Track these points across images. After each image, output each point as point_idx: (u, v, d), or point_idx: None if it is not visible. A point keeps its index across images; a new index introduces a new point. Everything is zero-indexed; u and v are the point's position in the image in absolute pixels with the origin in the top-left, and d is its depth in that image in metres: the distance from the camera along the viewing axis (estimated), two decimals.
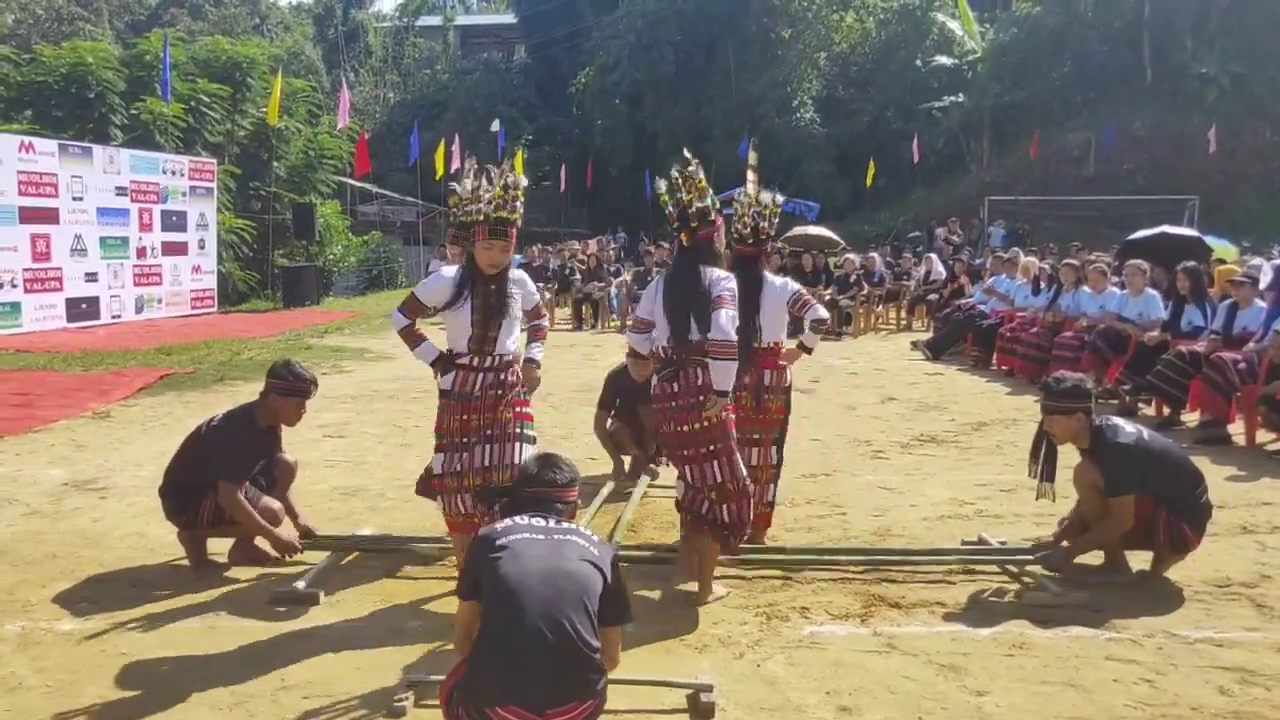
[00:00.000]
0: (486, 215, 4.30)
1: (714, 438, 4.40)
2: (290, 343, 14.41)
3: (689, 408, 4.40)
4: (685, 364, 4.41)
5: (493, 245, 4.32)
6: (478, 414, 4.38)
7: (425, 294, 4.47)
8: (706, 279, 4.40)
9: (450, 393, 4.41)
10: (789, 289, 5.07)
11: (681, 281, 4.49)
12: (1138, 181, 30.91)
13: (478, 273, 4.37)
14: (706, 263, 4.49)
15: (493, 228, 4.31)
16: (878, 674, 3.77)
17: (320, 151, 23.16)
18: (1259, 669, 3.78)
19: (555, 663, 2.80)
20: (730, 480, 4.42)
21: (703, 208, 4.55)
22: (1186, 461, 4.78)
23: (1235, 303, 8.53)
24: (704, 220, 4.53)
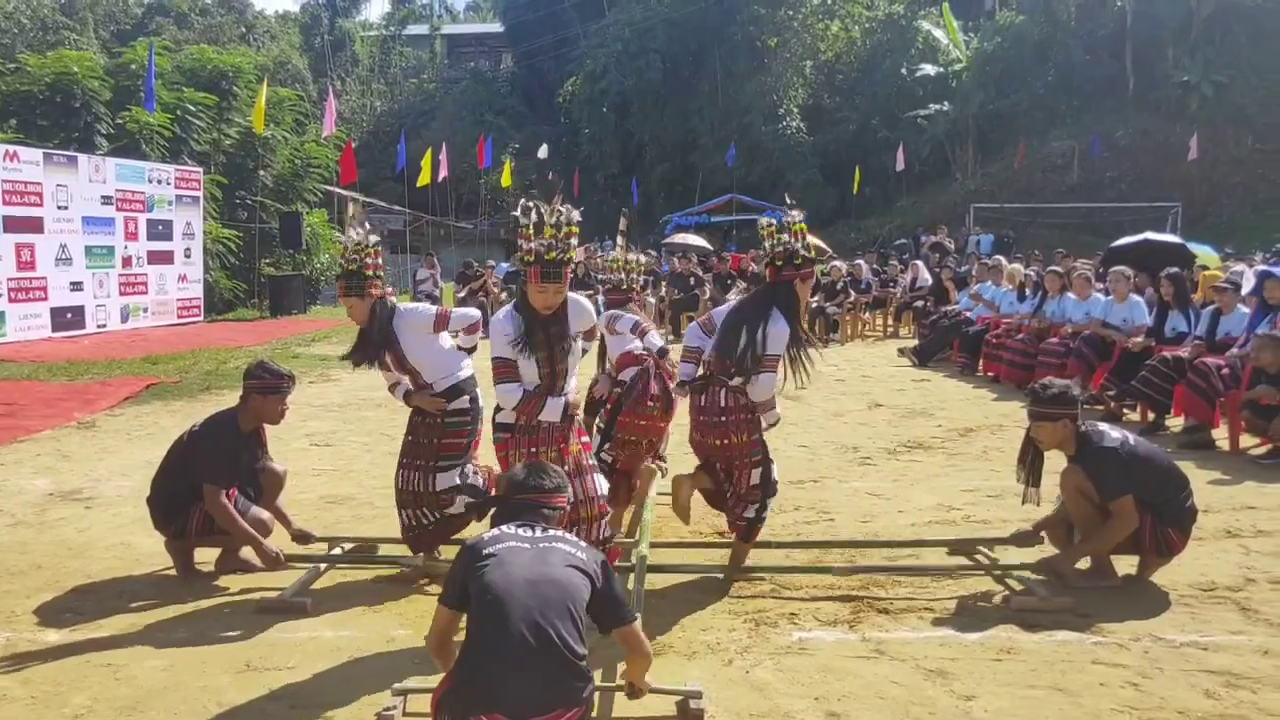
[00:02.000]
0: (539, 256, 3.99)
1: (731, 455, 4.72)
2: (277, 351, 14.36)
3: (710, 425, 4.70)
4: (713, 381, 4.69)
5: (546, 289, 4.01)
6: (545, 446, 4.16)
7: (505, 351, 4.11)
8: (771, 325, 4.55)
9: (515, 427, 4.18)
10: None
11: (750, 311, 4.70)
12: (1121, 189, 31.15)
13: (534, 315, 4.09)
14: (785, 307, 4.62)
15: (545, 271, 3.99)
16: (866, 679, 3.78)
17: (307, 160, 23.12)
18: (1244, 672, 3.80)
19: (540, 670, 2.80)
20: (740, 485, 4.75)
21: (789, 250, 4.62)
22: (1171, 466, 4.82)
23: (1218, 308, 8.59)
24: (789, 262, 4.64)
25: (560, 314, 4.14)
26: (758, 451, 4.73)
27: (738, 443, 4.67)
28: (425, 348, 4.94)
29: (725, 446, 4.69)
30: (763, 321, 4.58)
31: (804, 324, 4.80)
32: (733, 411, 4.65)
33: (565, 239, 4.01)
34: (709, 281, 17.53)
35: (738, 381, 4.64)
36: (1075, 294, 10.53)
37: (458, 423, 4.90)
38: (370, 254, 4.92)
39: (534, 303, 4.08)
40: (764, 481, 4.74)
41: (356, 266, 4.87)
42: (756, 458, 4.72)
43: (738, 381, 4.64)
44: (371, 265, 4.91)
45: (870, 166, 33.40)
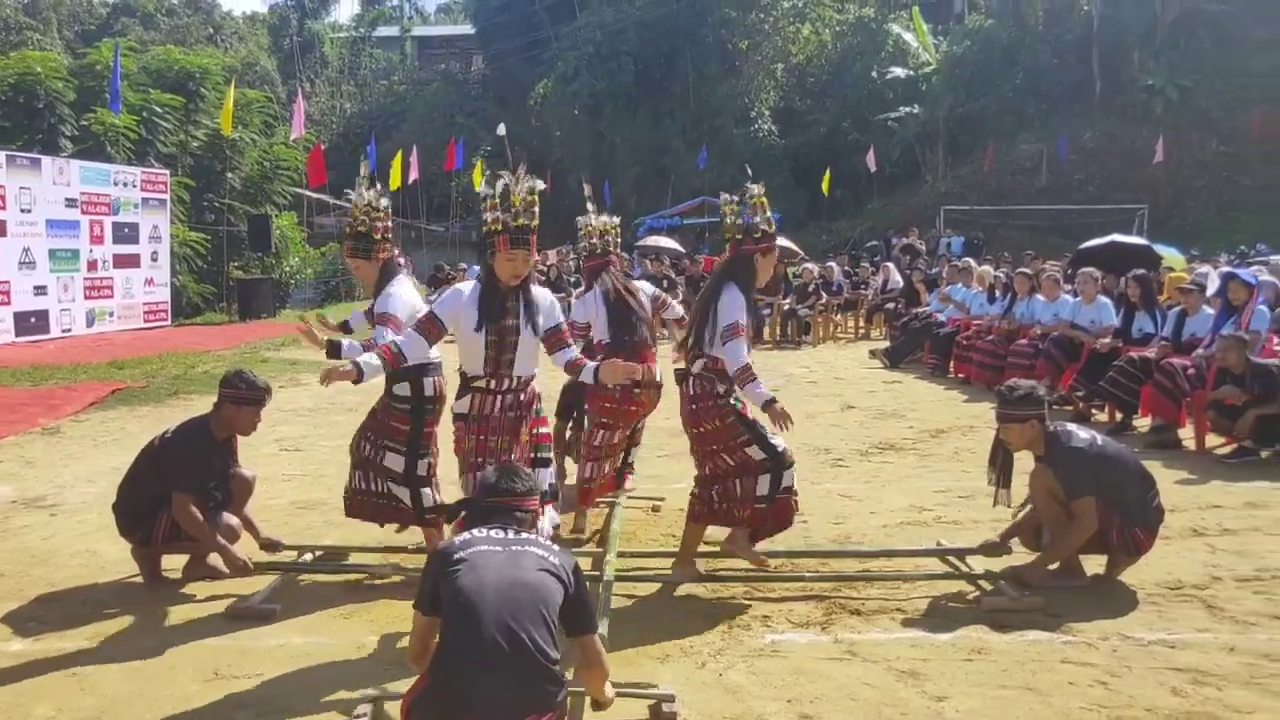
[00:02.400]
0: (507, 224, 4.04)
1: (711, 440, 4.63)
2: (246, 355, 14.24)
3: (686, 415, 4.67)
4: (688, 373, 4.65)
5: (516, 255, 4.06)
6: (496, 435, 4.19)
7: (445, 313, 4.14)
8: (721, 299, 4.49)
9: (466, 415, 4.22)
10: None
11: (707, 290, 4.68)
12: (1089, 191, 31.47)
13: (498, 287, 4.13)
14: (736, 277, 4.56)
15: (514, 236, 4.04)
16: (838, 681, 3.79)
17: (276, 163, 22.94)
18: (1211, 669, 3.84)
19: (512, 675, 2.78)
20: (743, 467, 4.62)
21: (746, 224, 4.58)
22: (1138, 466, 4.86)
23: (1184, 310, 8.70)
24: (748, 235, 4.59)
25: (524, 290, 4.16)
26: (741, 432, 4.59)
27: (711, 430, 4.63)
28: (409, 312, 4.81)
29: (701, 435, 4.66)
30: (717, 296, 4.54)
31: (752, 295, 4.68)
32: (701, 399, 4.62)
33: (530, 207, 4.06)
34: (681, 284, 17.54)
35: (698, 367, 4.60)
36: (1044, 295, 10.63)
37: (399, 408, 4.84)
38: (381, 216, 4.88)
39: (502, 273, 4.10)
40: (769, 453, 4.58)
41: (365, 228, 4.84)
42: (743, 437, 4.59)
43: (698, 367, 4.60)
44: (381, 229, 4.88)
45: (841, 169, 33.57)
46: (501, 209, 4.04)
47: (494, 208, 4.05)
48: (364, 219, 4.88)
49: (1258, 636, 4.15)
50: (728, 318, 4.46)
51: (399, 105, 44.23)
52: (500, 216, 4.04)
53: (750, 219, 4.59)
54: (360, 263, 4.97)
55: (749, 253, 4.61)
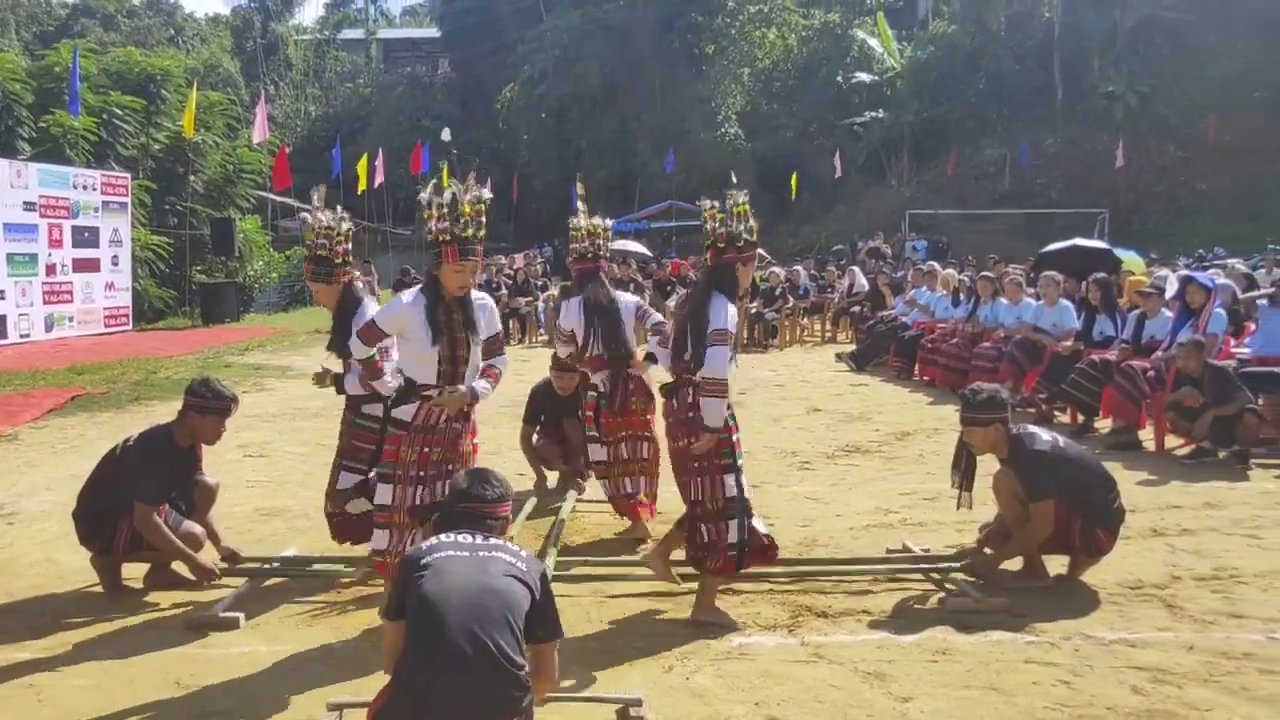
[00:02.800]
0: (455, 234, 3.96)
1: (698, 456, 4.44)
2: (209, 361, 14.08)
3: (678, 424, 4.52)
4: (680, 383, 4.54)
5: (464, 266, 4.00)
6: (439, 446, 4.12)
7: (386, 322, 4.17)
8: (711, 306, 4.41)
9: (412, 424, 4.11)
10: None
11: (690, 301, 4.64)
12: (1051, 196, 31.87)
13: (443, 297, 4.07)
14: (722, 287, 4.49)
15: (463, 247, 3.98)
16: (805, 683, 3.81)
17: (239, 166, 22.73)
18: (1170, 668, 3.90)
19: (478, 681, 2.77)
20: (710, 500, 4.40)
21: (729, 232, 4.49)
22: (1099, 468, 4.93)
23: (1143, 313, 8.83)
24: (730, 244, 4.51)
25: (467, 302, 4.11)
26: (728, 452, 4.44)
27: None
28: None
29: (689, 449, 4.49)
30: (704, 305, 4.47)
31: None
32: (698, 409, 4.44)
33: (479, 216, 4.01)
34: (648, 288, 17.56)
35: (699, 375, 4.46)
36: (1007, 299, 10.74)
37: (367, 427, 4.82)
38: (341, 239, 4.81)
39: (449, 283, 4.04)
40: (740, 492, 4.39)
41: (325, 252, 4.78)
42: (727, 460, 4.43)
43: (699, 375, 4.46)
44: (341, 252, 4.82)
45: (808, 173, 33.77)
46: (450, 218, 3.96)
47: (441, 217, 3.97)
48: (323, 242, 4.79)
49: (1215, 635, 4.22)
50: (716, 323, 4.40)
51: (364, 108, 43.98)
52: (448, 226, 3.97)
53: (733, 227, 4.52)
54: (321, 286, 4.90)
55: (730, 261, 4.52)
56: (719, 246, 4.52)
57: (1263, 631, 4.24)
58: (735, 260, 4.52)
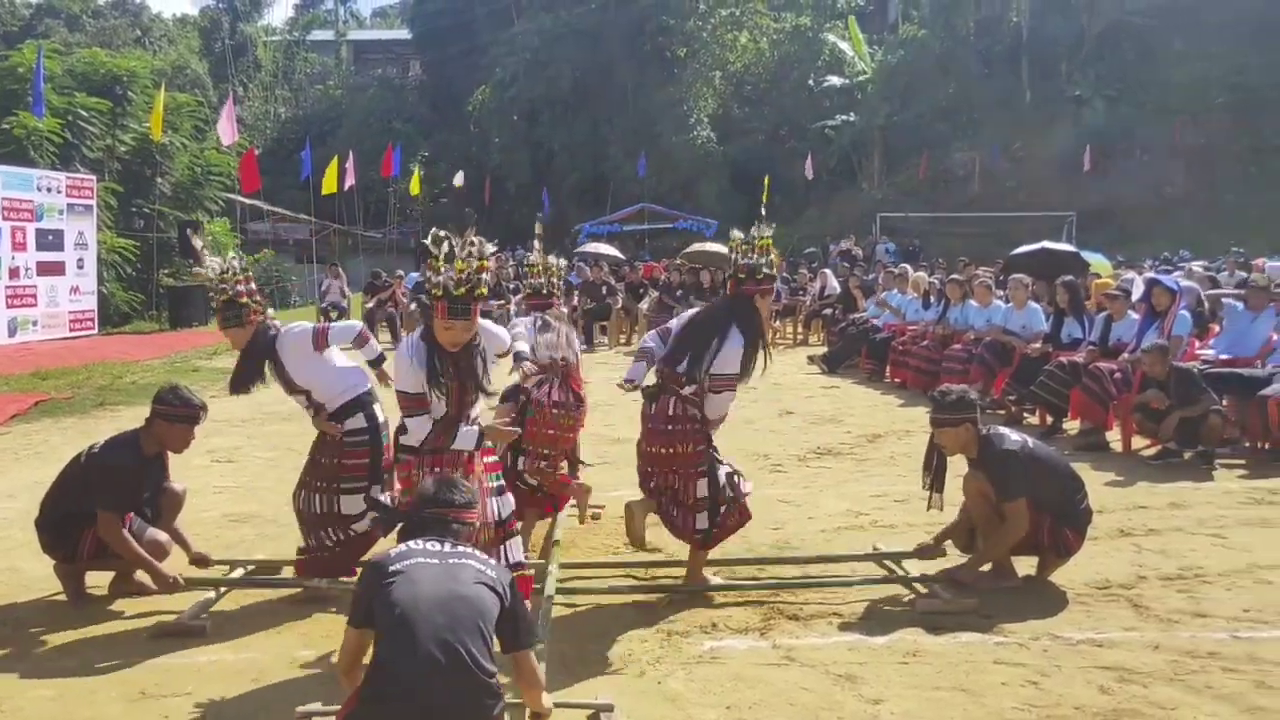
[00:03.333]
0: (447, 291, 3.77)
1: (674, 463, 4.65)
2: (176, 365, 13.93)
3: (657, 433, 4.65)
4: (665, 390, 4.64)
5: (453, 325, 3.83)
6: (451, 466, 4.01)
7: (407, 385, 3.93)
8: (727, 341, 4.53)
9: (420, 450, 4.01)
10: None
11: (705, 321, 4.72)
12: (1020, 199, 32.15)
13: (441, 350, 3.91)
14: (740, 319, 4.61)
15: (452, 307, 3.79)
16: (777, 686, 3.81)
17: (207, 168, 22.52)
18: (1136, 667, 3.93)
19: (449, 689, 2.76)
20: (683, 496, 4.67)
21: (750, 264, 4.64)
22: (1068, 468, 4.98)
23: (1110, 315, 8.92)
24: (751, 276, 4.65)
25: (470, 347, 3.96)
26: (703, 462, 4.66)
27: (682, 453, 4.64)
28: (312, 368, 4.83)
29: (670, 455, 4.64)
30: (719, 338, 4.56)
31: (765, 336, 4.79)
32: (680, 421, 4.62)
33: (477, 273, 3.80)
34: (621, 290, 17.55)
35: (689, 390, 4.60)
36: (977, 301, 10.82)
37: (356, 442, 4.79)
38: (239, 280, 4.76)
39: (440, 339, 3.89)
40: (711, 492, 4.65)
41: (229, 296, 4.73)
42: (702, 468, 4.65)
43: (689, 390, 4.60)
44: (245, 293, 4.77)
45: (779, 176, 33.83)
46: (445, 272, 3.77)
47: (436, 270, 3.78)
48: (224, 287, 4.73)
49: (1181, 634, 4.26)
50: (728, 368, 4.55)
51: (335, 110, 43.65)
52: (441, 281, 3.77)
53: (755, 260, 4.66)
54: (233, 331, 4.83)
55: (749, 293, 4.68)
56: (740, 278, 4.71)
57: (1227, 630, 4.29)
58: (754, 292, 4.70)
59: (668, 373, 4.68)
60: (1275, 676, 3.83)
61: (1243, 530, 5.80)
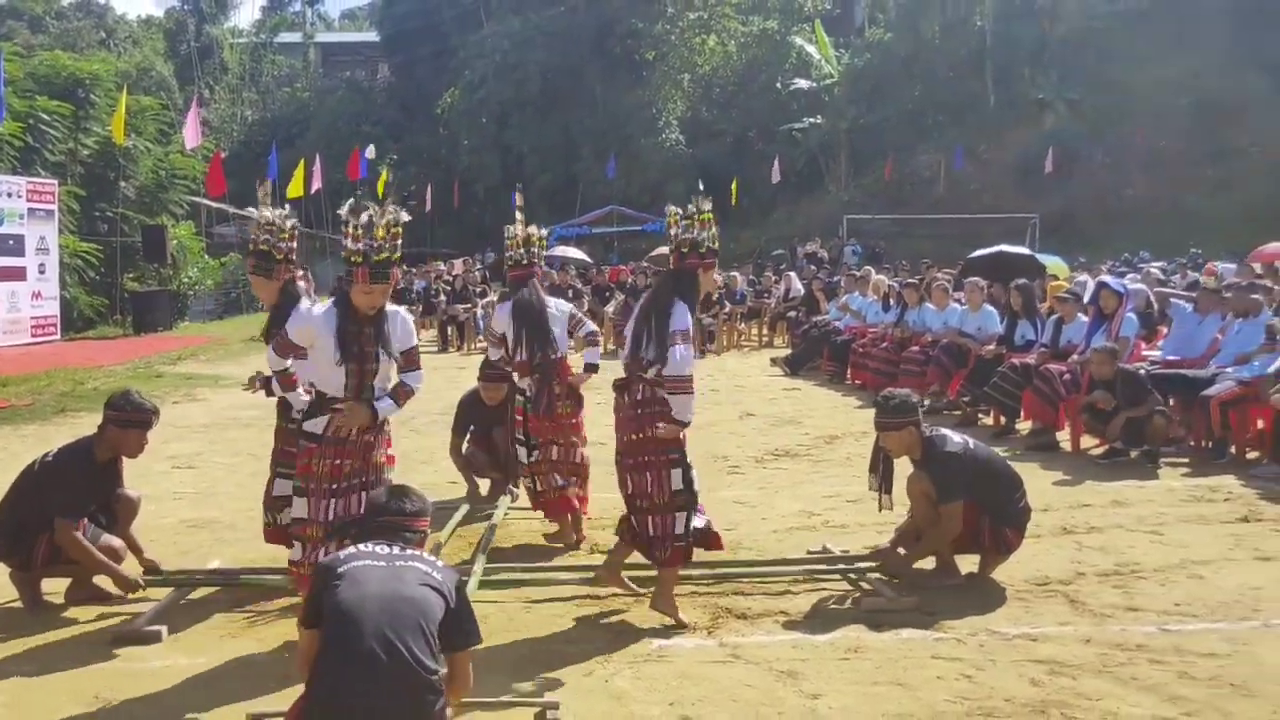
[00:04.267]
0: (367, 256, 4.01)
1: (648, 450, 4.63)
2: (139, 370, 13.87)
3: (629, 419, 4.69)
4: (633, 379, 4.70)
5: (373, 289, 4.07)
6: (351, 458, 4.18)
7: (296, 335, 4.23)
8: (674, 308, 4.58)
9: (322, 436, 4.17)
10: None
11: (651, 301, 4.77)
12: (985, 201, 32.53)
13: (353, 313, 4.12)
14: (683, 292, 4.67)
15: (374, 271, 4.03)
16: (720, 683, 3.92)
17: (172, 171, 22.40)
18: (1067, 660, 4.08)
19: (391, 685, 2.85)
20: (657, 494, 4.60)
21: (692, 239, 4.66)
22: (1007, 469, 5.13)
23: (1061, 318, 9.12)
24: (694, 250, 4.68)
25: (380, 319, 4.16)
26: (676, 449, 4.64)
27: (651, 437, 4.61)
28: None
29: (643, 441, 4.63)
30: (665, 309, 4.61)
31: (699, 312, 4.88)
32: (649, 404, 4.61)
33: (394, 240, 4.06)
34: (587, 294, 17.64)
35: (652, 373, 4.62)
36: (933, 304, 11.00)
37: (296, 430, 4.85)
38: (285, 236, 4.87)
39: (358, 302, 4.11)
40: (686, 485, 4.61)
41: (267, 247, 4.83)
42: (675, 455, 4.63)
43: (652, 373, 4.62)
44: (284, 249, 4.87)
45: (748, 178, 34.10)
46: (365, 239, 4.00)
47: (356, 237, 4.00)
48: (266, 238, 4.84)
49: (1112, 628, 4.41)
50: (679, 324, 4.57)
51: (302, 113, 43.43)
52: (361, 248, 4.00)
53: (697, 234, 4.68)
54: (260, 280, 4.95)
55: (692, 267, 4.70)
56: (682, 251, 4.70)
57: (1156, 624, 4.45)
58: (697, 266, 4.70)
59: (631, 361, 4.73)
60: (1198, 668, 3.99)
61: (1181, 527, 5.98)
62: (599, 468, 7.47)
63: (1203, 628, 4.40)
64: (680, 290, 4.68)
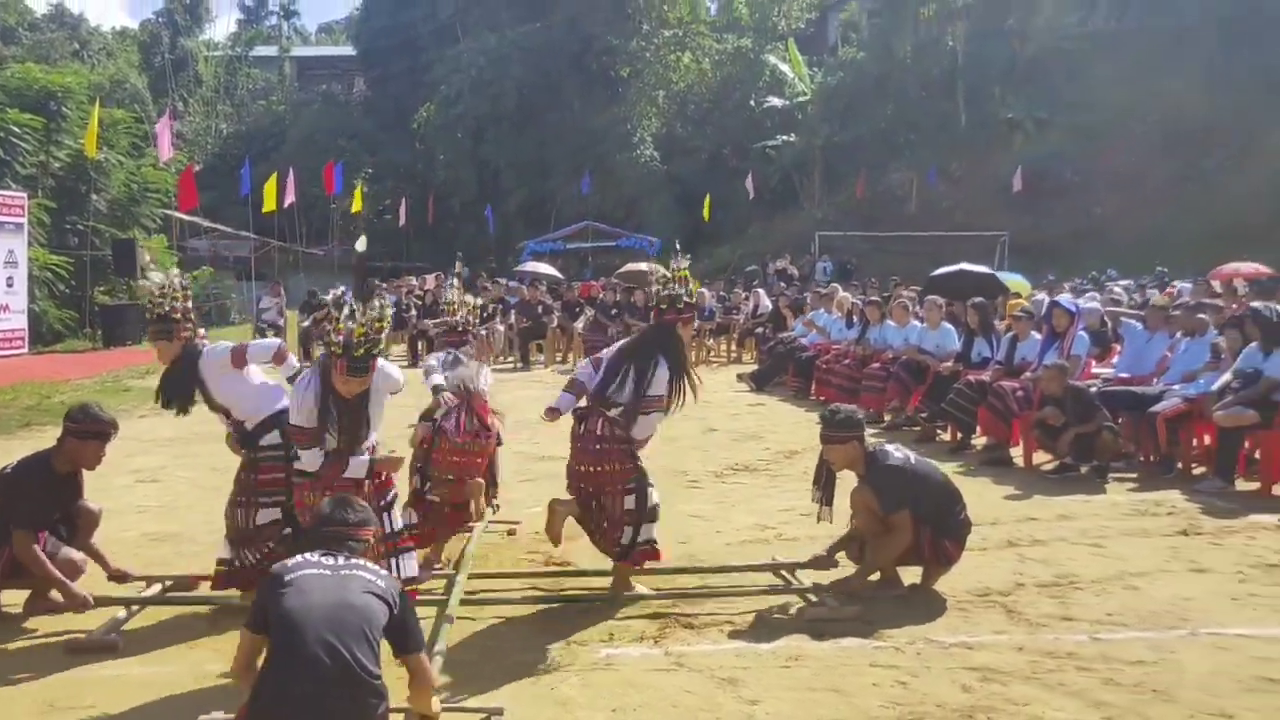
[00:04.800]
0: (347, 349, 4.14)
1: (604, 481, 4.94)
2: (107, 384, 13.85)
3: (586, 452, 4.95)
4: (594, 411, 4.94)
5: (350, 381, 4.23)
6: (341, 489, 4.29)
7: (300, 420, 4.32)
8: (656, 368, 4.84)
9: (316, 474, 4.35)
10: None
11: (634, 350, 5.00)
12: (956, 219, 32.85)
13: (336, 396, 4.27)
14: (665, 348, 4.93)
15: (352, 365, 4.17)
16: (663, 690, 4.04)
17: (144, 185, 22.36)
18: (999, 667, 4.23)
19: (334, 690, 2.96)
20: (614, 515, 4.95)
21: (669, 295, 4.96)
22: (947, 483, 5.29)
23: (1016, 335, 9.32)
24: (672, 306, 4.99)
25: (363, 395, 4.32)
26: (632, 480, 4.96)
27: (610, 470, 4.92)
28: (230, 386, 5.00)
29: (599, 474, 4.93)
30: (648, 366, 4.88)
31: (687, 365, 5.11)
32: (609, 440, 4.91)
33: (376, 334, 4.18)
34: (557, 310, 17.75)
35: (615, 412, 4.89)
36: (894, 321, 11.19)
37: (271, 457, 4.94)
38: (179, 297, 4.98)
39: (337, 387, 4.26)
40: (639, 506, 4.95)
41: (164, 310, 4.94)
42: (630, 485, 4.95)
43: (615, 412, 4.89)
44: (180, 309, 4.97)
45: (722, 195, 34.32)
46: (345, 334, 4.13)
47: (337, 330, 4.14)
48: (160, 301, 4.95)
49: (1045, 636, 4.57)
50: (656, 389, 4.88)
51: (278, 126, 43.38)
52: (342, 341, 4.13)
53: (674, 290, 4.99)
54: (161, 344, 5.05)
55: (671, 322, 5.01)
56: (661, 308, 5.03)
57: (1087, 633, 4.61)
58: (675, 320, 5.03)
59: (599, 395, 4.96)
60: (1124, 674, 4.15)
61: (1121, 540, 6.16)
62: (536, 485, 7.64)
63: (1132, 636, 4.56)
64: (664, 348, 4.95)
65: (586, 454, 4.96)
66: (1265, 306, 7.78)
